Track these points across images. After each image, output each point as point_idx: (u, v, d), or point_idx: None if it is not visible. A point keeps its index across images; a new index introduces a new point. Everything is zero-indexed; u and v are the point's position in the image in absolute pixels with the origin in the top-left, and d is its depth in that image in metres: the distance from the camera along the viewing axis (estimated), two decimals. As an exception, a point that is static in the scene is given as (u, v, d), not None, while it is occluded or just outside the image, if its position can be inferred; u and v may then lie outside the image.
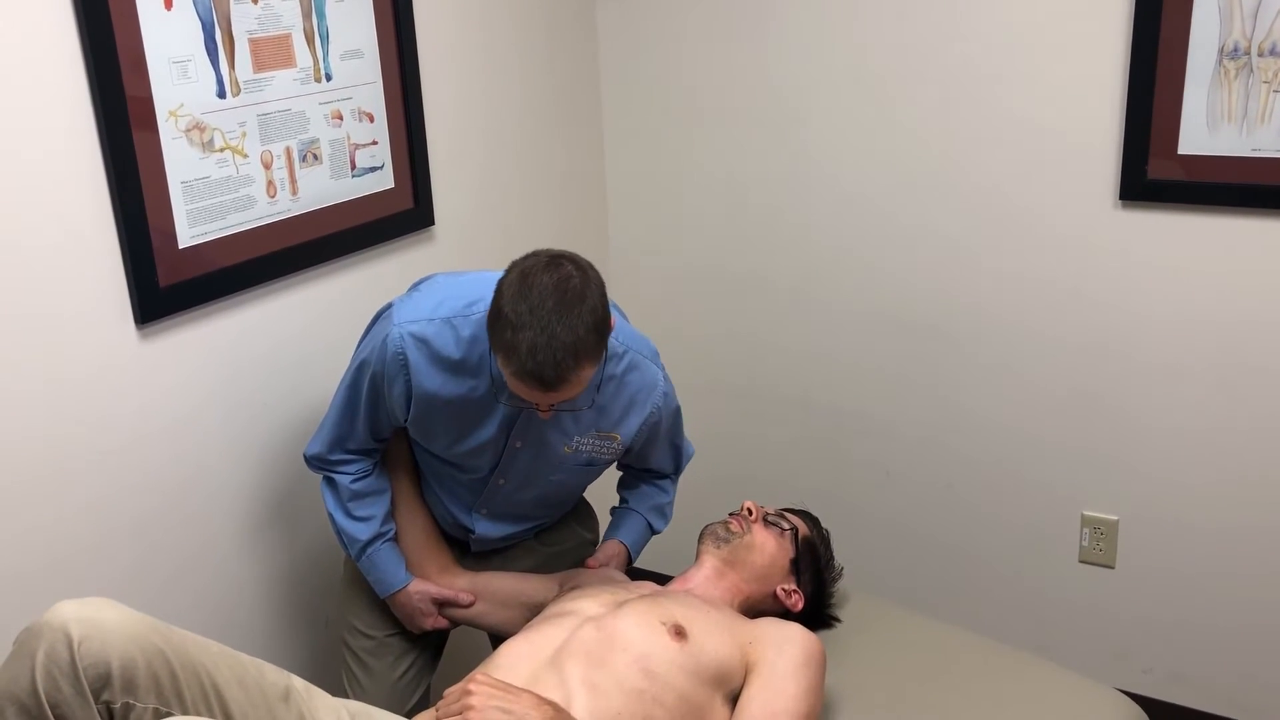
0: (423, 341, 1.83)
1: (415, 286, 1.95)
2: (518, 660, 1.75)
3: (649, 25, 2.84)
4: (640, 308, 2.98)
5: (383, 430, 1.97)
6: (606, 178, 3.00)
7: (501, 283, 1.67)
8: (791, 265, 2.83)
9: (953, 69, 2.51)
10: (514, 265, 1.68)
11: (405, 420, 1.91)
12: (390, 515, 2.04)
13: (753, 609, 2.02)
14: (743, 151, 2.80)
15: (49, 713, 1.40)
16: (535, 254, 1.69)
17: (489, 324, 1.67)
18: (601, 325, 1.66)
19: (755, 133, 2.78)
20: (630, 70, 2.89)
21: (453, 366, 1.83)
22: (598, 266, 1.72)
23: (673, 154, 2.90)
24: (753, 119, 2.77)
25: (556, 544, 2.19)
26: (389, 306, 1.90)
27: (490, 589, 2.07)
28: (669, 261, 2.99)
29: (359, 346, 1.94)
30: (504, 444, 1.91)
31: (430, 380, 1.84)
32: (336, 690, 2.07)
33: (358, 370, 1.91)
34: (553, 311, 1.61)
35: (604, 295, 1.69)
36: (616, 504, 2.21)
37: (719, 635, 1.80)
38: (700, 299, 2.97)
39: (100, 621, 1.44)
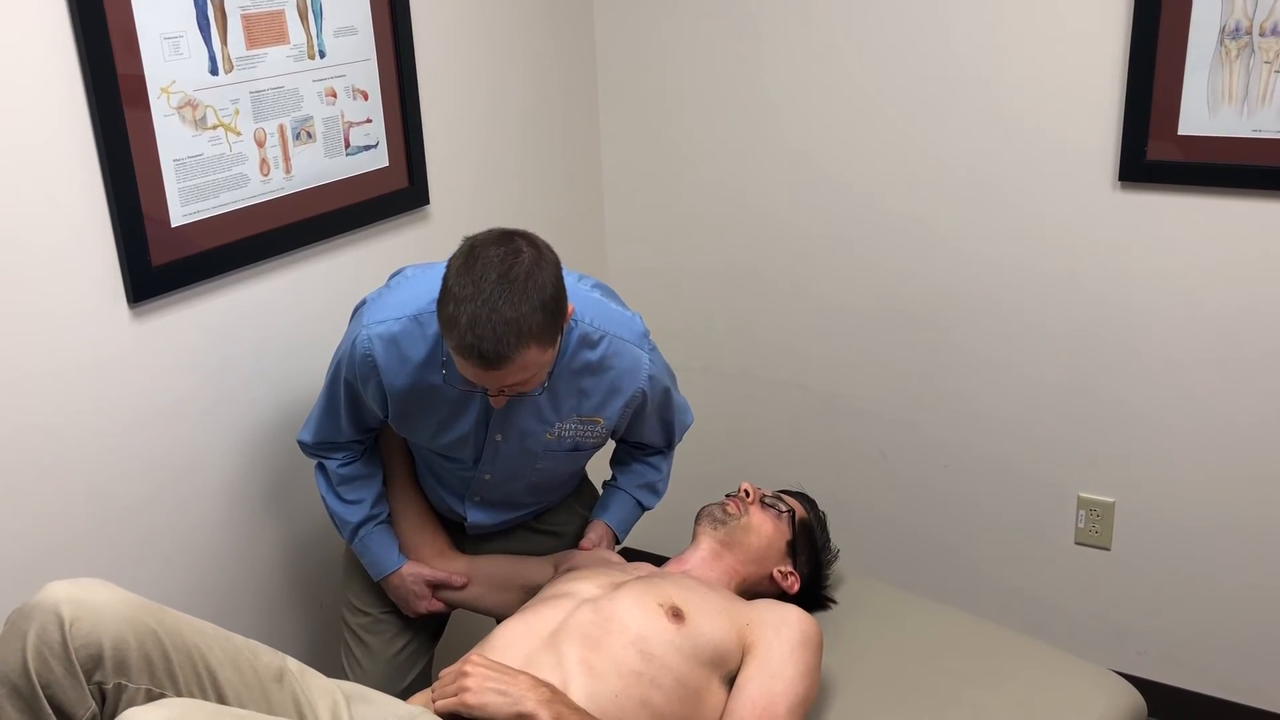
0: (390, 341, 1.81)
1: (389, 281, 1.93)
2: (514, 641, 1.74)
3: (647, 11, 2.81)
4: (636, 292, 2.96)
5: (368, 423, 1.96)
6: (602, 156, 2.98)
7: (451, 258, 1.64)
8: (787, 253, 2.81)
9: (949, 49, 2.49)
10: (466, 240, 1.65)
11: (386, 417, 1.90)
12: (382, 498, 2.04)
13: (749, 591, 2.02)
14: (738, 137, 2.79)
15: (40, 693, 1.39)
16: (490, 230, 1.66)
17: (438, 301, 1.63)
18: (552, 306, 1.61)
19: (749, 121, 2.76)
20: (627, 52, 2.87)
21: (422, 363, 1.81)
22: (594, 245, 1.70)
23: (669, 135, 2.88)
24: (746, 107, 2.75)
25: (556, 527, 2.17)
26: (363, 303, 1.89)
27: (486, 572, 2.07)
28: (665, 244, 2.97)
29: (339, 345, 1.92)
30: (484, 438, 1.89)
31: (401, 379, 1.82)
32: (335, 667, 2.08)
33: (334, 372, 1.91)
34: (496, 284, 1.57)
35: (559, 277, 1.64)
36: (608, 478, 2.19)
37: (716, 617, 1.80)
38: (697, 285, 2.96)
39: (92, 602, 1.43)
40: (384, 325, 1.81)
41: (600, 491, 2.23)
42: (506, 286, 1.57)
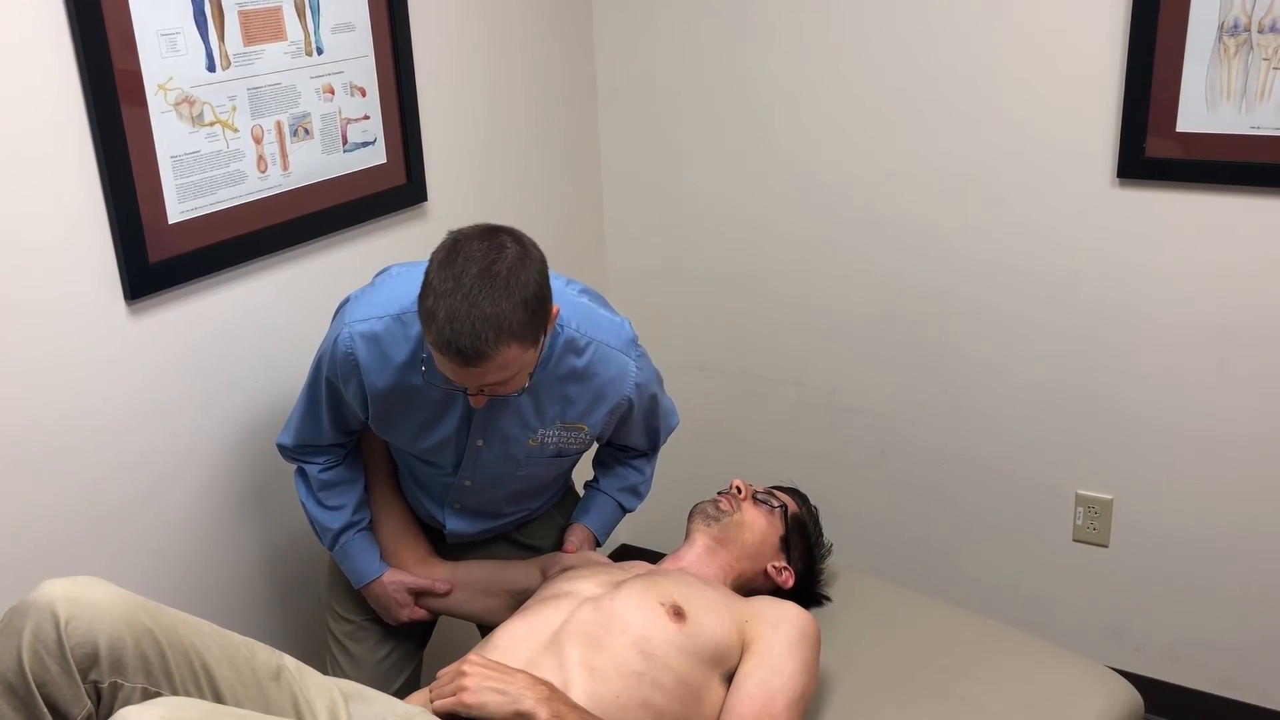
0: (372, 340, 1.78)
1: (374, 279, 1.91)
2: (516, 642, 1.74)
3: (646, 10, 2.81)
4: (635, 291, 2.97)
5: (349, 425, 1.94)
6: (601, 155, 2.98)
7: (434, 251, 1.61)
8: (786, 253, 2.81)
9: (948, 48, 2.49)
10: (450, 233, 1.62)
11: (366, 418, 1.88)
12: (363, 504, 2.01)
13: (744, 587, 2.02)
14: (737, 139, 2.78)
15: (36, 692, 1.39)
16: (475, 225, 1.64)
17: (419, 295, 1.60)
18: (534, 304, 1.58)
19: (748, 123, 2.75)
20: (626, 50, 2.87)
21: (404, 364, 1.79)
22: (592, 243, 1.69)
23: (668, 136, 2.88)
24: (745, 109, 2.75)
25: (537, 541, 2.14)
26: (346, 301, 1.87)
27: (470, 577, 2.04)
28: (664, 244, 2.97)
29: (321, 343, 1.90)
30: (465, 443, 1.87)
31: (382, 379, 1.80)
32: (322, 671, 2.07)
33: (315, 370, 1.88)
34: (477, 279, 1.54)
35: (544, 276, 1.62)
36: (590, 479, 2.18)
37: (717, 615, 1.80)
38: (696, 286, 2.95)
39: (88, 600, 1.43)
40: (366, 324, 1.79)
41: (579, 499, 2.20)
42: (488, 282, 1.54)
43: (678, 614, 1.75)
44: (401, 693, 2.06)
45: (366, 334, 1.78)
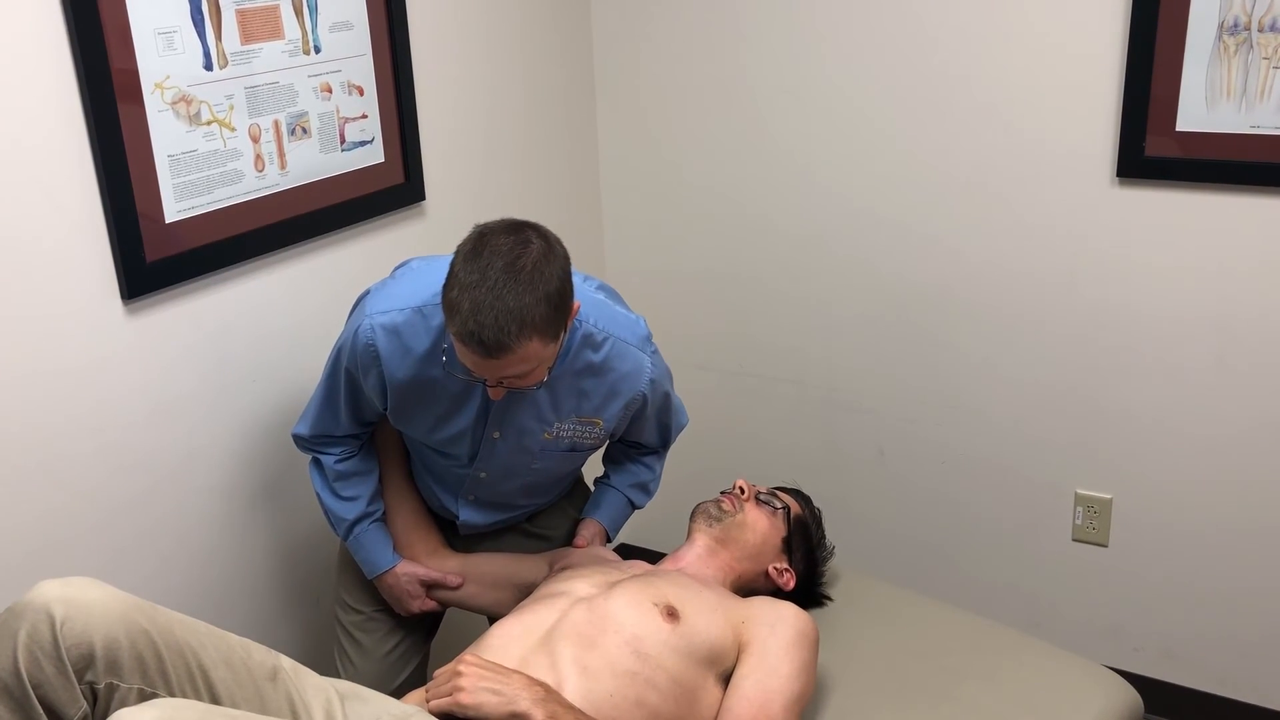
0: (393, 332, 1.80)
1: (393, 272, 1.93)
2: (509, 641, 1.74)
3: (644, 10, 2.80)
4: (633, 290, 2.96)
5: (366, 416, 1.95)
6: (600, 154, 2.98)
7: (460, 244, 1.63)
8: (785, 253, 2.80)
9: (949, 49, 2.48)
10: (476, 227, 1.65)
11: (385, 409, 1.89)
12: (378, 495, 2.03)
13: (745, 588, 2.02)
14: (735, 138, 2.78)
15: (32, 693, 1.39)
16: (501, 219, 1.66)
17: (443, 286, 1.62)
18: (557, 299, 1.60)
19: (746, 122, 2.75)
20: (625, 48, 2.86)
21: (424, 356, 1.80)
22: (591, 242, 1.69)
23: (666, 136, 2.88)
24: (743, 109, 2.74)
25: (548, 530, 2.16)
26: (366, 294, 1.88)
27: (480, 570, 2.06)
28: (664, 242, 2.97)
29: (340, 335, 1.91)
30: (481, 435, 1.88)
31: (402, 370, 1.81)
32: (328, 667, 2.07)
33: (334, 361, 1.90)
34: (502, 272, 1.56)
35: (567, 272, 1.64)
36: (600, 475, 2.18)
37: (711, 615, 1.79)
38: (695, 285, 2.95)
39: (83, 601, 1.42)
40: (387, 316, 1.80)
41: (589, 493, 2.22)
42: (512, 276, 1.56)
43: (671, 614, 1.75)
44: (408, 685, 2.08)
45: (388, 326, 1.80)
